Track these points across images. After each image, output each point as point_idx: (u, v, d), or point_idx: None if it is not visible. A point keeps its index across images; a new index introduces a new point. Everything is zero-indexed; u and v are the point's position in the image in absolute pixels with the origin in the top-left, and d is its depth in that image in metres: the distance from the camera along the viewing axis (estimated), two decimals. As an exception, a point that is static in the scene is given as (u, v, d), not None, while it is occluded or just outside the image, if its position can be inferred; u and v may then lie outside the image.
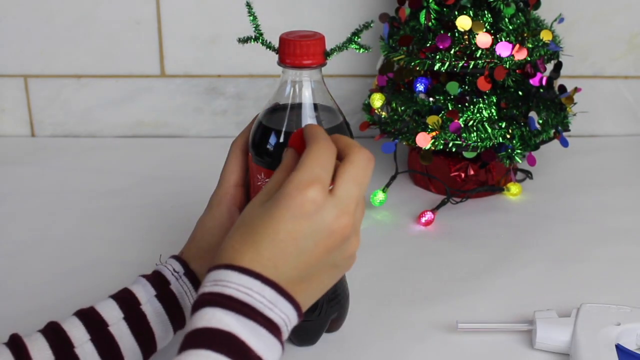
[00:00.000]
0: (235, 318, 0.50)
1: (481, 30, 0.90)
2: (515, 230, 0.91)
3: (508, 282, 0.81)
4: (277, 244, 0.52)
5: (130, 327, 0.62)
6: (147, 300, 0.64)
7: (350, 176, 0.54)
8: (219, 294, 0.51)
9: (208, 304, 0.51)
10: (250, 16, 0.67)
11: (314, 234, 0.53)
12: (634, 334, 0.70)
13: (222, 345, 0.49)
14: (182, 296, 0.65)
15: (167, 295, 0.65)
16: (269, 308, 0.52)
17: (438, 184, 0.99)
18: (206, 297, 0.51)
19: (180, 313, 0.65)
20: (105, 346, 0.61)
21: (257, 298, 0.51)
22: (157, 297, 0.64)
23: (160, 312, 0.64)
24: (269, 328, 0.51)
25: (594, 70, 1.14)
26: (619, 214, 0.95)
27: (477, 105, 0.93)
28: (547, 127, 0.95)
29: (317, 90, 0.65)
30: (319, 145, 0.55)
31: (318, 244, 0.53)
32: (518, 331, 0.73)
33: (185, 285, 0.65)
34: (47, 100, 1.15)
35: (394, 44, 0.95)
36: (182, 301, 0.65)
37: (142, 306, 0.64)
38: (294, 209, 0.52)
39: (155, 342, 0.64)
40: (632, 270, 0.83)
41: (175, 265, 0.66)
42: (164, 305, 0.64)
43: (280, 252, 0.52)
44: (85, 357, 0.60)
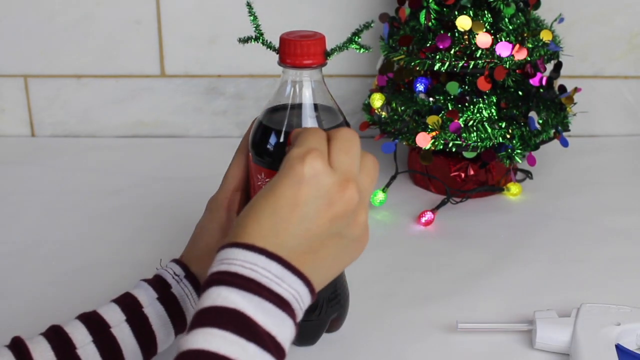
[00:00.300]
0: (240, 295, 0.50)
1: (481, 30, 0.90)
2: (515, 230, 0.91)
3: (508, 282, 0.81)
4: (277, 212, 0.52)
5: (133, 330, 0.63)
6: (149, 303, 0.64)
7: (337, 149, 0.55)
8: (225, 272, 0.51)
9: (214, 283, 0.51)
10: (250, 16, 0.67)
11: (315, 200, 0.53)
12: (634, 334, 0.70)
13: (229, 323, 0.49)
14: (183, 299, 0.65)
15: (169, 298, 0.65)
16: (275, 283, 0.51)
17: (438, 184, 0.99)
18: (213, 276, 0.51)
19: (182, 316, 0.65)
20: (107, 348, 0.61)
21: (263, 273, 0.51)
22: (159, 299, 0.64)
23: (162, 315, 0.64)
24: (277, 303, 0.51)
25: (594, 70, 1.14)
26: (619, 214, 0.95)
27: (477, 105, 0.93)
28: (547, 127, 0.95)
29: (317, 90, 0.65)
30: (308, 129, 0.57)
31: (319, 211, 0.53)
32: (518, 331, 0.73)
33: (187, 288, 0.65)
34: (47, 100, 1.15)
35: (394, 44, 0.95)
36: (183, 304, 0.65)
37: (144, 309, 0.64)
38: (292, 177, 0.52)
39: (156, 345, 0.64)
40: (632, 270, 0.83)
41: (175, 268, 0.67)
42: (166, 307, 0.64)
43: (281, 220, 0.52)
44: (87, 358, 0.60)
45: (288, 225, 0.52)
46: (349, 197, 0.53)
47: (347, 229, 0.55)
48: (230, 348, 0.47)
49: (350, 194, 0.53)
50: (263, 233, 0.52)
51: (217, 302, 0.50)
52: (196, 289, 0.65)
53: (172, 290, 0.65)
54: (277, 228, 0.52)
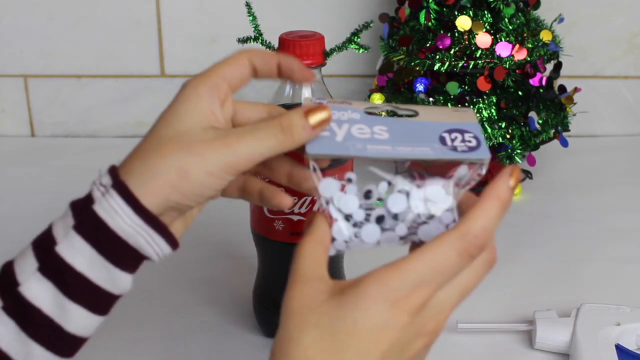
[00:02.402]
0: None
1: (481, 30, 0.90)
2: (515, 230, 0.91)
3: (508, 282, 0.81)
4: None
5: (45, 280, 0.50)
6: (64, 234, 0.50)
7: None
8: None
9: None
10: (250, 16, 0.67)
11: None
12: (634, 334, 0.70)
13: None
14: (110, 214, 0.49)
15: (90, 222, 0.50)
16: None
17: (438, 184, 0.99)
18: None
19: (112, 240, 0.49)
20: (20, 315, 0.50)
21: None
22: (76, 228, 0.50)
23: (82, 247, 0.49)
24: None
25: (593, 70, 1.14)
26: (619, 214, 0.95)
27: (477, 105, 0.93)
28: (547, 127, 0.95)
29: (316, 90, 0.65)
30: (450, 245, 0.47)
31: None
32: (518, 331, 0.73)
33: (113, 199, 0.49)
34: (47, 100, 1.15)
35: (394, 44, 0.95)
36: (112, 222, 0.49)
37: (57, 246, 0.50)
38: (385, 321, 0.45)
39: (99, 289, 0.50)
40: (632, 270, 0.83)
41: (104, 178, 0.51)
42: (85, 236, 0.50)
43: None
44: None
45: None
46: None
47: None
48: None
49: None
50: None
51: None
52: (128, 199, 0.49)
53: (94, 207, 0.50)
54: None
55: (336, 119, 0.50)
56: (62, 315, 0.50)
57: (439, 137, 0.51)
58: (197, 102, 0.51)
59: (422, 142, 0.51)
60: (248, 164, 0.49)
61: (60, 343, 0.50)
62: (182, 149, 0.49)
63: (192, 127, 0.50)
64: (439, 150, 0.51)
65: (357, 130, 0.50)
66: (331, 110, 0.50)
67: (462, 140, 0.51)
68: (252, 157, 0.49)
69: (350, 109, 0.51)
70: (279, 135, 0.49)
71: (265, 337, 0.73)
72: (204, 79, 0.52)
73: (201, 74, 0.52)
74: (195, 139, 0.49)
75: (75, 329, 0.50)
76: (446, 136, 0.51)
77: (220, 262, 0.85)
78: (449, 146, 0.51)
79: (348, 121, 0.50)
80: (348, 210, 0.48)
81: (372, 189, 0.49)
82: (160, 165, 0.49)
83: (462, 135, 0.51)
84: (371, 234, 0.49)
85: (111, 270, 0.50)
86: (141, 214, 0.49)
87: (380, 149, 0.50)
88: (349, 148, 0.49)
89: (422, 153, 0.51)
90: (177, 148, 0.49)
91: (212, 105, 0.51)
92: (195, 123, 0.50)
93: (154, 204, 0.49)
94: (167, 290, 0.81)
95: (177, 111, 0.51)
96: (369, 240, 0.49)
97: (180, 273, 0.83)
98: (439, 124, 0.52)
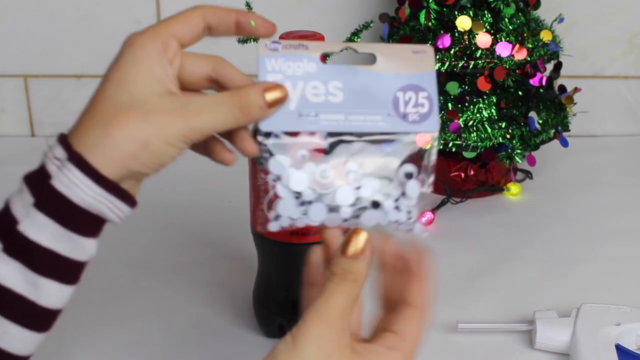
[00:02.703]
0: None
1: (481, 30, 0.90)
2: (515, 230, 0.91)
3: (508, 282, 0.81)
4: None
5: (12, 260, 0.49)
6: (25, 213, 0.49)
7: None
8: None
9: None
10: (250, 16, 0.67)
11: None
12: (634, 334, 0.70)
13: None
14: (71, 189, 0.49)
15: (50, 198, 0.49)
16: None
17: (438, 184, 0.99)
18: None
19: (75, 213, 0.49)
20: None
21: None
22: (37, 205, 0.49)
23: (46, 225, 0.49)
24: None
25: (593, 70, 1.14)
26: (619, 214, 0.95)
27: (477, 105, 0.93)
28: (547, 127, 0.95)
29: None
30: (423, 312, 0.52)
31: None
32: (518, 331, 0.73)
33: (71, 173, 0.49)
34: (47, 100, 1.15)
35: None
36: (73, 196, 0.49)
37: (19, 226, 0.49)
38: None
39: (67, 260, 0.50)
40: (632, 270, 0.83)
41: (57, 150, 0.50)
42: (49, 214, 0.49)
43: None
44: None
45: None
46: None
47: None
48: None
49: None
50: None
51: None
52: (86, 171, 0.49)
53: (52, 182, 0.49)
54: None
55: (291, 74, 0.50)
56: (34, 292, 0.50)
57: (392, 97, 0.50)
58: (148, 64, 0.50)
59: (375, 106, 0.50)
60: (204, 136, 0.50)
61: (35, 319, 0.51)
62: (141, 119, 0.49)
63: (149, 94, 0.49)
64: (390, 121, 0.50)
65: (311, 90, 0.50)
66: (286, 87, 0.50)
67: (415, 104, 0.51)
68: (208, 131, 0.50)
69: (307, 57, 0.50)
70: (237, 114, 0.50)
71: (265, 337, 0.73)
72: (153, 36, 0.51)
73: (149, 29, 0.52)
74: (154, 107, 0.49)
75: (49, 302, 0.50)
76: (400, 97, 0.51)
77: (220, 262, 0.85)
78: (400, 113, 0.50)
79: (303, 77, 0.50)
80: (297, 188, 0.49)
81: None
82: (120, 136, 0.48)
83: (416, 95, 0.51)
84: (317, 214, 0.49)
85: (76, 239, 0.50)
86: (102, 184, 0.49)
87: (333, 119, 0.50)
88: (302, 121, 0.50)
89: (374, 125, 0.50)
90: (136, 117, 0.49)
91: (163, 67, 0.50)
92: (150, 88, 0.50)
93: (114, 173, 0.49)
94: (167, 290, 0.81)
95: (129, 73, 0.50)
96: (315, 219, 0.49)
97: (181, 273, 0.83)
98: (395, 77, 0.51)
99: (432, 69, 0.51)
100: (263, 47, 0.51)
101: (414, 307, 0.51)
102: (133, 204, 0.52)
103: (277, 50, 0.50)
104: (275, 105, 0.50)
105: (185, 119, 0.49)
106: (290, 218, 0.49)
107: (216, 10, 0.53)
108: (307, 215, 0.49)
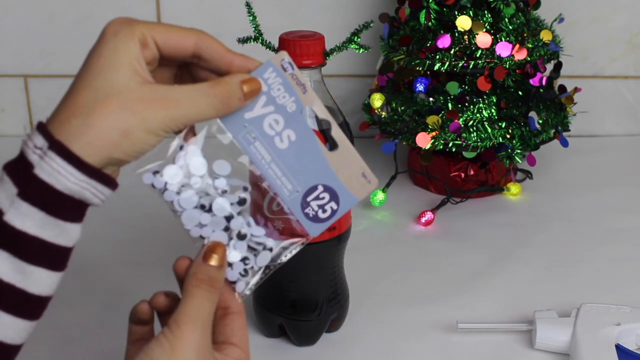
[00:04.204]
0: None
1: (481, 30, 0.90)
2: (515, 230, 0.91)
3: (508, 282, 0.81)
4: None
5: (5, 249, 0.49)
6: (10, 203, 0.49)
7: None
8: None
9: None
10: (250, 16, 0.67)
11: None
12: (634, 334, 0.70)
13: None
14: (54, 177, 0.49)
15: (34, 187, 0.49)
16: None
17: (438, 184, 0.99)
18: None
19: (59, 200, 0.49)
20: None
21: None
22: (20, 195, 0.49)
23: (31, 213, 0.49)
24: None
25: (594, 70, 1.14)
26: (619, 214, 0.95)
27: (477, 105, 0.93)
28: (547, 127, 0.95)
29: (316, 90, 0.65)
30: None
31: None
32: (518, 331, 0.73)
33: (54, 162, 0.49)
34: (47, 100, 1.15)
35: (394, 44, 0.95)
36: (57, 184, 0.49)
37: (5, 217, 0.49)
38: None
39: (54, 246, 0.51)
40: (632, 270, 0.83)
41: (37, 139, 0.49)
42: (33, 203, 0.49)
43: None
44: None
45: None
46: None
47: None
48: None
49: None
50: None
51: None
52: (68, 158, 0.49)
53: (36, 172, 0.49)
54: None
55: (273, 96, 0.52)
56: (23, 280, 0.50)
57: (313, 185, 0.53)
58: (128, 55, 0.51)
59: (298, 177, 0.53)
60: (184, 126, 0.51)
61: (26, 307, 0.51)
62: (123, 108, 0.49)
63: (129, 83, 0.50)
64: (291, 199, 0.54)
65: (272, 121, 0.52)
66: (266, 85, 0.52)
67: (322, 206, 0.54)
68: (189, 121, 0.50)
69: (296, 98, 0.52)
70: (218, 105, 0.50)
71: (265, 337, 0.74)
72: (135, 30, 0.53)
73: (135, 22, 0.54)
74: (134, 96, 0.49)
75: (39, 289, 0.51)
76: (317, 191, 0.53)
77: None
78: (305, 203, 0.54)
79: (277, 107, 0.52)
80: (194, 170, 0.52)
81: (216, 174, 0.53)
82: (102, 126, 0.49)
83: (327, 202, 0.54)
84: (188, 201, 0.53)
85: (62, 225, 0.50)
86: (85, 171, 0.49)
87: (261, 154, 0.53)
88: (242, 132, 0.52)
89: (279, 188, 0.53)
90: (117, 106, 0.49)
91: (140, 63, 0.51)
92: (130, 77, 0.50)
93: (96, 161, 0.49)
94: (167, 290, 0.81)
95: (110, 61, 0.50)
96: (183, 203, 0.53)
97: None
98: (332, 175, 0.53)
99: (361, 196, 0.54)
100: (278, 58, 0.52)
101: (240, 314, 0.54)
102: (115, 186, 0.53)
103: (284, 71, 0.52)
104: (250, 98, 0.51)
105: (166, 108, 0.49)
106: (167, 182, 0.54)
107: (214, 45, 0.53)
108: (180, 197, 0.53)
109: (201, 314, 0.50)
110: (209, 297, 0.51)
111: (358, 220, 0.92)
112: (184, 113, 0.50)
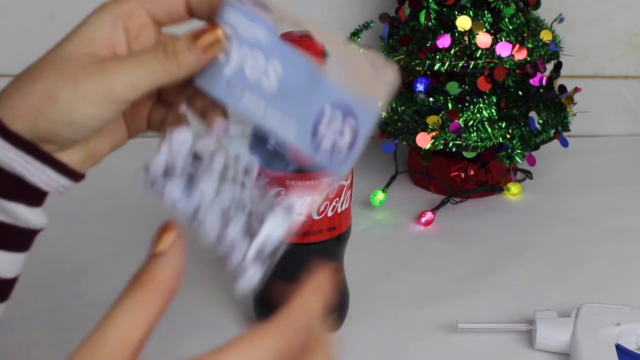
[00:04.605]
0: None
1: (481, 30, 0.90)
2: (515, 230, 0.91)
3: (508, 282, 0.81)
4: None
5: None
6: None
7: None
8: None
9: None
10: (250, 16, 0.67)
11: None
12: (634, 334, 0.70)
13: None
14: (15, 170, 0.47)
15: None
16: None
17: (438, 184, 0.99)
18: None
19: (12, 184, 0.47)
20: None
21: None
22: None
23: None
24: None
25: (594, 70, 1.14)
26: (619, 214, 0.95)
27: (477, 105, 0.93)
28: (547, 127, 0.95)
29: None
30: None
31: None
32: (518, 331, 0.73)
33: (8, 150, 0.46)
34: (47, 100, 1.15)
35: (394, 44, 0.95)
36: (9, 168, 0.46)
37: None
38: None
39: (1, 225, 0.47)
40: (632, 270, 0.83)
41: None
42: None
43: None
44: None
45: None
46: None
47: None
48: None
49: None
50: None
51: None
52: (18, 144, 0.46)
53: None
54: None
55: (241, 33, 0.46)
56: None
57: (318, 110, 0.45)
58: (95, 27, 0.48)
59: (299, 109, 0.46)
60: (131, 92, 0.45)
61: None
62: (53, 73, 0.45)
63: (77, 52, 0.46)
64: (301, 139, 0.46)
65: (251, 61, 0.46)
66: (228, 31, 0.46)
67: (336, 131, 0.46)
68: (133, 84, 0.45)
69: (263, 21, 0.46)
70: (163, 60, 0.45)
71: (265, 337, 0.73)
72: (118, 3, 0.49)
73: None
74: (72, 63, 0.45)
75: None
76: (325, 114, 0.45)
77: (221, 262, 0.85)
78: (318, 135, 0.46)
79: (250, 42, 0.46)
80: (179, 156, 0.49)
81: (202, 158, 0.49)
82: (30, 89, 0.46)
83: (342, 122, 0.45)
84: (173, 189, 0.50)
85: (2, 204, 0.46)
86: (9, 139, 0.45)
87: (254, 104, 0.46)
88: (228, 91, 0.46)
89: (285, 131, 0.46)
90: (48, 71, 0.46)
91: (112, 33, 0.47)
92: (82, 49, 0.46)
93: (23, 129, 0.45)
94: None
95: (72, 35, 0.48)
96: (170, 192, 0.50)
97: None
98: (335, 89, 0.46)
99: (381, 94, 0.46)
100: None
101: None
102: (68, 173, 0.48)
103: (243, 4, 0.46)
104: (212, 50, 0.45)
105: (102, 70, 0.45)
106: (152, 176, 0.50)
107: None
108: (165, 185, 0.50)
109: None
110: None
111: (358, 220, 0.92)
112: (124, 75, 0.45)
